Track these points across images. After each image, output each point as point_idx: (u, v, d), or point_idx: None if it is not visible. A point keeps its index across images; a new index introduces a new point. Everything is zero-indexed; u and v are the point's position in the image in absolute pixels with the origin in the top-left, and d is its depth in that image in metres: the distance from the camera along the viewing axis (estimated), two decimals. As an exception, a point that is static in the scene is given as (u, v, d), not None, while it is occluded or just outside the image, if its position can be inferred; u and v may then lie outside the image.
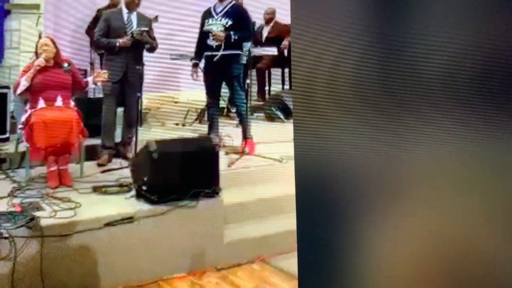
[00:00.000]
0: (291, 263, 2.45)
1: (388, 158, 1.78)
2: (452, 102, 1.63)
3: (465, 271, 1.68)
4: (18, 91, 5.41)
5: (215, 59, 6.28)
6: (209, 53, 6.35)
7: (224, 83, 6.56)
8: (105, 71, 5.78)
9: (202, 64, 6.57)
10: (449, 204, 1.68)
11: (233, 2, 6.41)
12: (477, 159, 1.62)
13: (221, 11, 6.33)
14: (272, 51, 7.94)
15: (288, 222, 3.06)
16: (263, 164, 6.01)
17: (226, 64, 6.31)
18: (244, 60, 6.45)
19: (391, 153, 1.77)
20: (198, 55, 6.55)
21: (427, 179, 1.72)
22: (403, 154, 1.75)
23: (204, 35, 6.39)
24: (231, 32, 6.24)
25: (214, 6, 6.39)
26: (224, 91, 6.81)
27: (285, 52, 8.16)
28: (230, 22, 6.26)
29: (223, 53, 6.25)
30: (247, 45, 6.43)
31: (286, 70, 8.47)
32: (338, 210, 1.92)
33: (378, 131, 1.78)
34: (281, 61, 8.22)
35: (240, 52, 6.37)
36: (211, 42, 6.30)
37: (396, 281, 1.85)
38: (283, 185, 4.91)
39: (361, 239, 1.89)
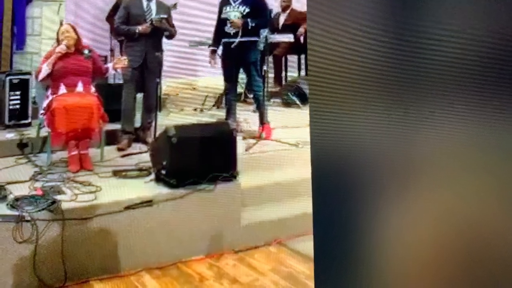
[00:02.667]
0: (307, 245, 2.46)
1: (403, 141, 1.80)
2: (465, 86, 1.64)
3: (479, 252, 1.69)
4: (40, 77, 5.47)
5: (232, 45, 6.34)
6: (227, 40, 6.40)
7: (241, 69, 6.61)
8: (125, 57, 5.84)
9: (220, 51, 6.62)
10: (464, 186, 1.69)
11: (250, -11, 6.44)
12: (491, 141, 1.63)
13: (238, -1, 6.38)
14: (289, 38, 7.96)
15: (304, 205, 3.09)
16: (279, 148, 6.04)
17: (244, 50, 6.36)
18: (261, 47, 6.47)
19: (405, 136, 1.79)
20: (216, 42, 6.61)
21: (441, 162, 1.72)
22: (417, 137, 1.76)
23: (222, 22, 6.44)
24: (248, 20, 6.28)
25: (232, -6, 6.44)
26: (242, 77, 6.87)
27: (301, 39, 8.16)
28: (247, 10, 6.30)
29: (241, 40, 6.30)
30: (264, 32, 6.44)
31: (302, 56, 8.48)
32: (353, 193, 1.94)
33: (392, 115, 1.81)
34: (297, 47, 8.23)
35: (257, 39, 6.39)
36: (228, 29, 6.35)
37: (411, 263, 1.87)
38: (299, 169, 4.97)
39: (376, 222, 1.90)
